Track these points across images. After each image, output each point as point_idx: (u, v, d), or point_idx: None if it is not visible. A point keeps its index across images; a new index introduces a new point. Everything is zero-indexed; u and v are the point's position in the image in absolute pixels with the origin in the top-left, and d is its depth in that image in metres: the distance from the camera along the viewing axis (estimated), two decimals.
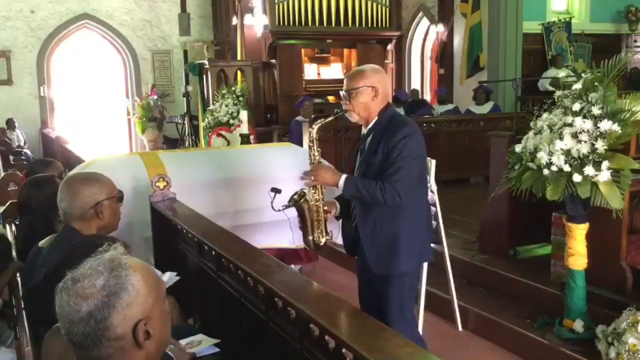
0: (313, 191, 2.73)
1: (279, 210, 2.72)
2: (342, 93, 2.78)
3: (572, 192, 3.11)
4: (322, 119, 2.84)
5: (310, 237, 2.75)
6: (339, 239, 3.05)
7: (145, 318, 1.24)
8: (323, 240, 2.77)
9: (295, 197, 2.72)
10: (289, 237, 4.38)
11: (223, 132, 7.49)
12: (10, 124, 10.85)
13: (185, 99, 11.42)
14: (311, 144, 2.76)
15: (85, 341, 1.21)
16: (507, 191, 3.69)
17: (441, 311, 4.18)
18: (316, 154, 2.75)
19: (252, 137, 7.49)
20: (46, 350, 1.83)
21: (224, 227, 3.05)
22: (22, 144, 10.76)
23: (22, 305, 2.30)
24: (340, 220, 2.99)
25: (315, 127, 2.76)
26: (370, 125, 2.76)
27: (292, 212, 2.78)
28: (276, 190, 2.77)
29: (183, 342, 2.32)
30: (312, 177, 2.70)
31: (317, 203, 2.74)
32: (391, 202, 2.58)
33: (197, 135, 10.60)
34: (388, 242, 2.69)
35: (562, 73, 8.63)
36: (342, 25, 11.18)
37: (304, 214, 2.73)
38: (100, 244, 1.39)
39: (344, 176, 2.67)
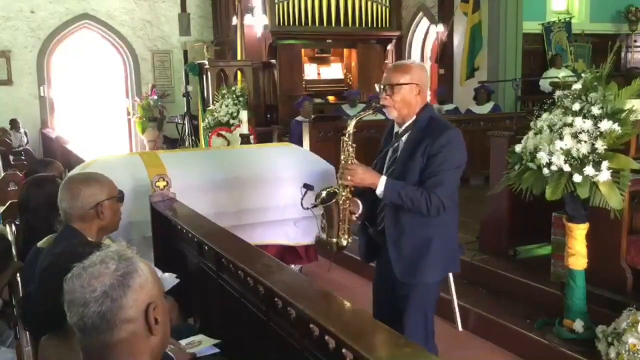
0: (344, 192, 2.53)
1: (307, 208, 2.56)
2: (380, 86, 2.60)
3: (572, 191, 3.11)
4: (361, 113, 2.66)
5: (335, 240, 2.55)
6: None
7: (154, 303, 1.26)
8: (345, 242, 2.57)
9: (324, 195, 2.55)
10: (288, 235, 4.40)
11: (223, 132, 7.50)
12: (14, 124, 10.84)
13: (185, 99, 11.42)
14: (347, 140, 2.55)
15: (100, 322, 1.20)
16: (507, 191, 3.69)
17: (441, 311, 4.15)
18: (351, 150, 2.55)
19: (252, 137, 7.49)
20: (43, 353, 1.83)
21: (224, 227, 3.05)
22: (23, 144, 10.75)
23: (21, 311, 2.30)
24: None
25: (353, 121, 2.56)
26: (406, 124, 2.61)
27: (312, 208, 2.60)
28: (308, 187, 2.62)
29: (183, 342, 2.33)
30: (350, 178, 2.50)
31: (346, 203, 2.55)
32: (435, 213, 2.47)
33: (197, 135, 10.60)
34: (419, 247, 2.57)
35: (562, 73, 8.62)
36: (342, 25, 11.17)
37: (331, 215, 2.53)
38: (86, 252, 1.37)
39: (383, 179, 2.50)
